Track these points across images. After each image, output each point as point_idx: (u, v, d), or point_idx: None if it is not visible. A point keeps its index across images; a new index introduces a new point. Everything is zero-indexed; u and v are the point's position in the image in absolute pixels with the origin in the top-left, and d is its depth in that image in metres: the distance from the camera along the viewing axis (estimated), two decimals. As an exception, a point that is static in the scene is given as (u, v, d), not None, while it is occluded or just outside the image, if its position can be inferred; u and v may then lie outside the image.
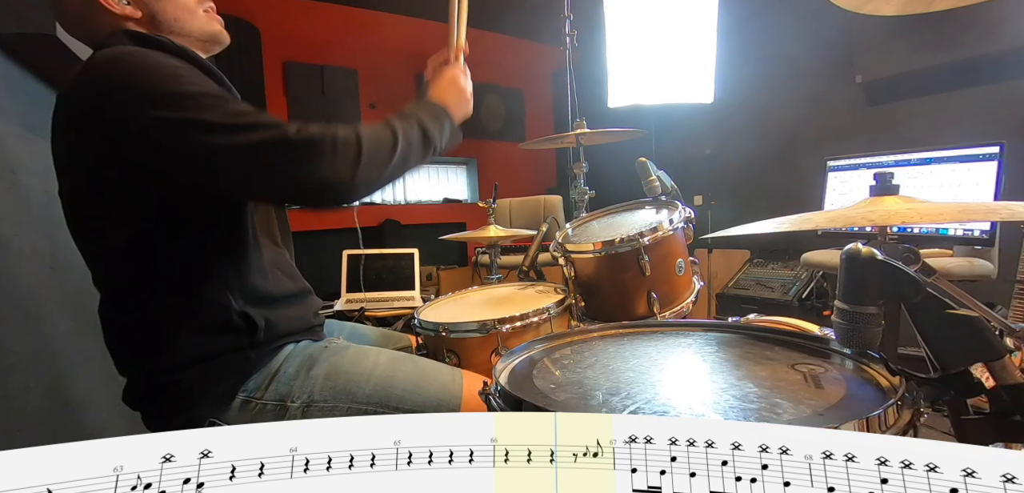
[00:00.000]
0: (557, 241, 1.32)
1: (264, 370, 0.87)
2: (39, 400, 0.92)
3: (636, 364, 0.75)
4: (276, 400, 0.86)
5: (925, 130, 2.98)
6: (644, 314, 1.20)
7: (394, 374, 0.92)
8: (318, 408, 0.86)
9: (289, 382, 0.87)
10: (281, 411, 0.86)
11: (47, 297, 0.99)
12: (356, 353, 0.95)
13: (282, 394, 0.86)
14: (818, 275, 3.03)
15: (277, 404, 0.86)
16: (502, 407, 0.62)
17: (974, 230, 1.74)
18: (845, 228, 1.17)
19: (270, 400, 0.86)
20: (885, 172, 0.74)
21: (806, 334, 0.81)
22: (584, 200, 2.03)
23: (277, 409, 0.86)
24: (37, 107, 1.01)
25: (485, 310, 1.30)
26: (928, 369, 0.60)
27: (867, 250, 0.61)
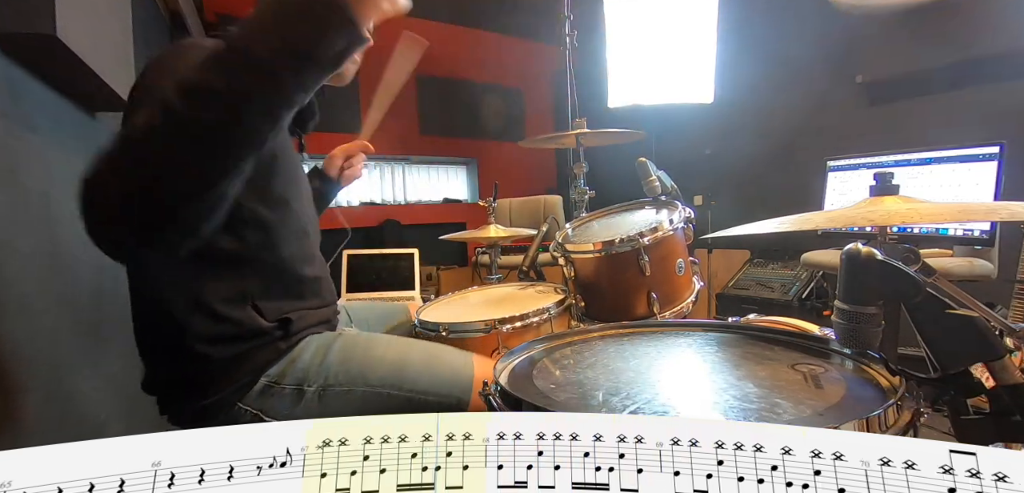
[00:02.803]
0: (557, 241, 1.32)
1: (287, 356, 0.90)
2: (39, 400, 0.92)
3: (636, 364, 0.75)
4: (293, 384, 0.88)
5: (925, 130, 2.98)
6: (644, 314, 1.20)
7: (407, 357, 0.94)
8: (334, 391, 0.89)
9: (305, 367, 0.90)
10: (298, 394, 0.88)
11: (47, 297, 0.99)
12: (369, 339, 0.99)
13: (299, 379, 0.89)
14: (818, 275, 3.03)
15: (294, 388, 0.88)
16: (502, 407, 0.62)
17: (974, 230, 1.74)
18: (845, 228, 1.17)
19: (288, 384, 0.88)
20: (885, 172, 0.74)
21: (806, 334, 0.81)
22: (584, 200, 2.03)
23: (295, 393, 0.88)
24: (37, 107, 1.01)
25: (485, 310, 1.30)
26: (928, 369, 0.60)
27: (867, 250, 0.60)
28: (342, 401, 0.89)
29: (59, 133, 1.10)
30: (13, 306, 0.87)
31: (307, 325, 0.94)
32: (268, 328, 0.88)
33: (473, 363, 0.96)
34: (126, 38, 1.24)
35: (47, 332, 0.97)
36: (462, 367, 0.95)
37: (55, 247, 1.03)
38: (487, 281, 2.09)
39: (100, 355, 1.21)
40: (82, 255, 1.12)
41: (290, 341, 0.90)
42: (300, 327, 0.92)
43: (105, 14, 1.11)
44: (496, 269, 2.22)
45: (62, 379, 1.02)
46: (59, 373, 1.01)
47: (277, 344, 0.89)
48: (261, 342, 0.88)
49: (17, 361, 0.88)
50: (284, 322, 0.89)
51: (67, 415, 1.03)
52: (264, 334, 0.88)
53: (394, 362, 0.93)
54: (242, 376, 0.86)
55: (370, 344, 0.97)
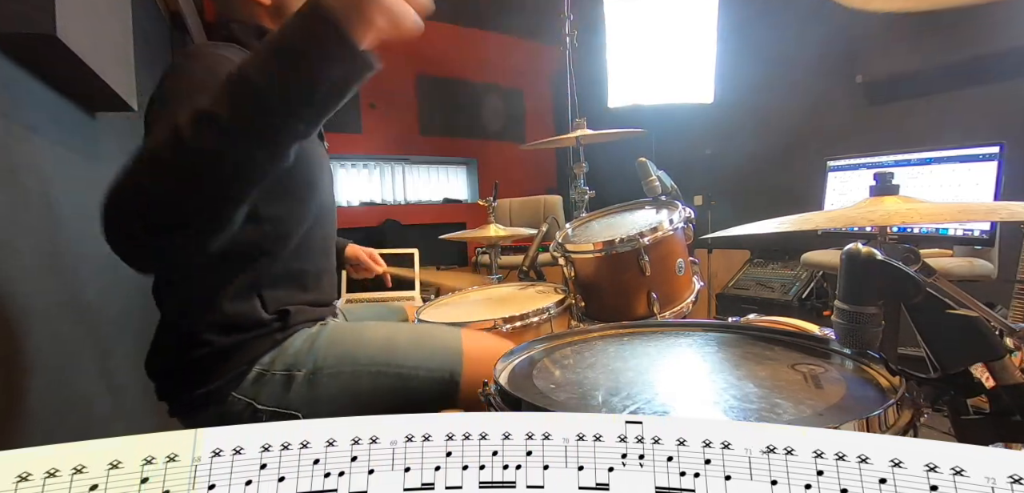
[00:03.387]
0: (557, 241, 1.32)
1: (279, 346, 0.91)
2: (39, 400, 0.92)
3: (636, 364, 0.75)
4: (283, 370, 0.89)
5: (925, 130, 2.98)
6: (644, 314, 1.20)
7: (395, 336, 0.95)
8: (323, 374, 0.89)
9: (295, 353, 0.90)
10: (288, 380, 0.88)
11: (47, 297, 0.99)
12: (356, 324, 1.01)
13: (288, 364, 0.89)
14: (818, 275, 3.03)
15: (284, 374, 0.89)
16: (501, 407, 0.62)
17: (974, 230, 1.74)
18: (845, 228, 1.17)
19: (278, 370, 0.89)
20: (885, 172, 0.74)
21: (806, 334, 0.81)
22: (584, 200, 2.03)
23: (284, 379, 0.89)
24: (37, 107, 1.01)
25: (485, 310, 1.30)
26: (928, 369, 0.60)
27: (867, 250, 0.60)
28: (332, 384, 0.89)
29: (59, 133, 1.10)
30: (13, 306, 0.87)
31: (305, 319, 0.95)
32: (267, 320, 0.89)
33: (461, 337, 0.97)
34: (126, 38, 1.24)
35: (47, 332, 0.97)
36: (451, 340, 0.95)
37: (55, 247, 1.03)
38: (487, 281, 2.09)
39: (100, 355, 1.21)
40: (82, 255, 1.12)
41: (286, 332, 0.91)
42: (297, 320, 0.93)
43: (105, 14, 1.11)
44: (496, 269, 2.22)
45: (62, 379, 1.02)
46: (59, 373, 1.01)
47: (274, 335, 0.90)
48: (259, 333, 0.89)
49: (17, 361, 0.88)
50: (282, 313, 0.91)
51: (67, 415, 1.03)
52: (263, 325, 0.89)
53: (383, 341, 0.94)
54: (238, 366, 0.87)
55: (358, 328, 0.98)
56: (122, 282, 1.32)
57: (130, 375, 1.30)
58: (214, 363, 0.86)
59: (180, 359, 0.86)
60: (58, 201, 1.03)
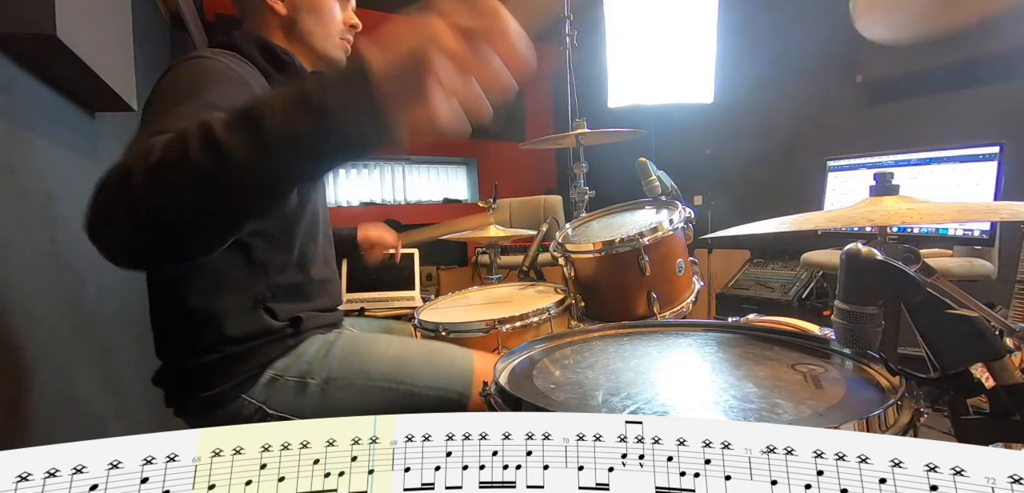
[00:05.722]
0: (557, 241, 1.31)
1: (293, 351, 0.92)
2: (39, 400, 0.92)
3: (636, 364, 0.75)
4: (297, 377, 0.90)
5: (925, 130, 2.98)
6: (644, 314, 1.20)
7: (407, 354, 0.96)
8: (336, 384, 0.91)
9: (309, 360, 0.92)
10: (302, 387, 0.90)
11: (47, 297, 0.99)
12: (370, 337, 1.02)
13: (303, 371, 0.91)
14: (818, 275, 3.03)
15: (298, 380, 0.90)
16: (502, 407, 0.62)
17: (974, 230, 1.74)
18: (845, 228, 1.17)
19: (292, 377, 0.90)
20: (885, 172, 0.74)
21: (806, 334, 0.81)
22: (584, 200, 2.03)
23: (298, 385, 0.90)
24: (37, 107, 1.01)
25: (485, 310, 1.30)
26: (928, 369, 0.60)
27: (867, 250, 0.61)
28: (343, 395, 0.90)
29: (59, 133, 1.10)
30: (14, 306, 0.87)
31: (317, 325, 0.96)
32: (279, 327, 0.90)
33: (473, 359, 0.97)
34: (126, 38, 1.24)
35: (48, 332, 0.97)
36: (462, 363, 0.96)
37: (55, 247, 1.03)
38: (487, 281, 2.09)
39: (101, 355, 1.21)
40: (82, 255, 1.12)
41: (299, 338, 0.93)
42: (310, 326, 0.94)
43: (105, 14, 1.11)
44: (496, 269, 2.22)
45: (62, 379, 1.02)
46: (59, 373, 1.01)
47: (287, 340, 0.91)
48: (271, 338, 0.90)
49: (17, 361, 0.88)
50: (295, 320, 0.92)
51: (67, 415, 1.03)
52: (274, 332, 0.90)
53: (395, 358, 0.94)
54: (250, 369, 0.88)
55: (372, 340, 0.99)
56: (122, 282, 1.32)
57: (130, 375, 1.30)
58: (227, 366, 0.86)
59: (190, 366, 0.86)
60: (58, 201, 1.03)
